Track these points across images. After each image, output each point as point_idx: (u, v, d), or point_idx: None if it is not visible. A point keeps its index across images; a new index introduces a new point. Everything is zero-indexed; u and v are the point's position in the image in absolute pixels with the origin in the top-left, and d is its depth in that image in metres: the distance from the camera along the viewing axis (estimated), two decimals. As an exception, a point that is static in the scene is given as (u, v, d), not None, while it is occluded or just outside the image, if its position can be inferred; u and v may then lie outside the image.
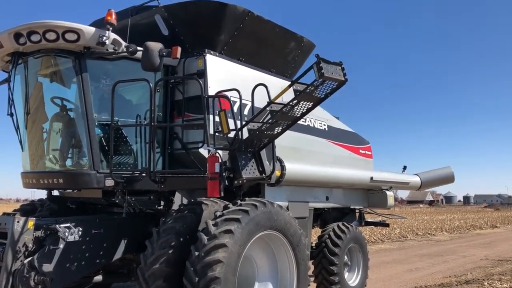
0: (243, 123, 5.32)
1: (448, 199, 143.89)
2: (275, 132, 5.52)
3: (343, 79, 4.94)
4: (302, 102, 5.14)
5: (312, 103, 5.27)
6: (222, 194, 4.91)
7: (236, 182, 5.25)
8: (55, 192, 6.59)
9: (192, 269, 4.57)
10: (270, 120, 5.23)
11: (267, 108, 5.22)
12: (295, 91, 5.81)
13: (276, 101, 5.13)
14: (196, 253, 4.61)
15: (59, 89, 5.84)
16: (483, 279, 9.87)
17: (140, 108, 6.19)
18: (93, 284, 6.16)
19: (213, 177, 4.77)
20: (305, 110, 5.32)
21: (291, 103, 5.07)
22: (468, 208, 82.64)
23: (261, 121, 5.26)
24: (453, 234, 24.43)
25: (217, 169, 4.78)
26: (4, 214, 5.46)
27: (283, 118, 5.29)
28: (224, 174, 4.92)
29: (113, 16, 5.16)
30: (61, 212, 6.40)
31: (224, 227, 4.69)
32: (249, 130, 5.36)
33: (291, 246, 5.47)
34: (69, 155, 5.73)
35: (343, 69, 4.94)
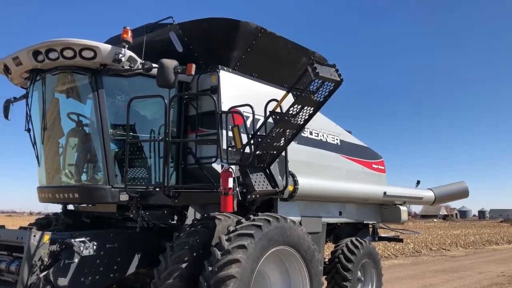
0: (253, 137, 5.36)
1: (463, 214, 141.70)
2: (281, 144, 5.56)
3: (338, 79, 5.10)
4: (303, 107, 5.23)
5: (312, 108, 5.35)
6: (236, 209, 4.93)
7: (249, 196, 5.28)
8: (70, 207, 6.68)
9: (205, 284, 4.58)
10: (275, 130, 5.29)
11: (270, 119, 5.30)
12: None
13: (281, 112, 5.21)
14: (210, 268, 4.62)
15: (75, 105, 5.95)
16: (500, 296, 9.72)
17: (154, 123, 6.28)
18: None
19: (227, 192, 4.79)
20: (307, 117, 5.40)
21: (291, 109, 5.15)
22: (483, 223, 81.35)
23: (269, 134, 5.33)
24: (468, 250, 24.07)
25: (230, 184, 4.81)
26: (21, 228, 5.55)
27: (287, 126, 5.35)
28: (237, 189, 4.95)
29: (129, 34, 5.28)
30: (75, 226, 6.47)
31: (238, 242, 4.71)
32: (259, 144, 5.41)
33: (305, 261, 5.45)
34: (85, 170, 5.82)
35: (337, 70, 5.11)
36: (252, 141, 5.16)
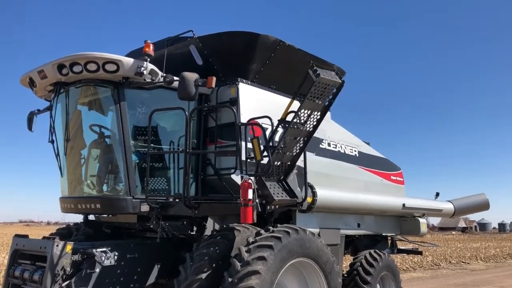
0: (270, 148, 5.40)
1: (482, 226, 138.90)
2: (294, 153, 5.60)
3: (339, 81, 5.23)
4: (311, 113, 5.33)
5: (319, 113, 5.42)
6: (255, 221, 4.95)
7: (268, 207, 5.30)
8: (91, 217, 6.78)
9: (225, 295, 4.60)
10: (286, 138, 5.34)
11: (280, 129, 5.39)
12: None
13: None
14: (230, 279, 4.65)
15: (97, 117, 6.08)
16: (523, 311, 9.51)
17: (173, 134, 6.36)
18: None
19: (246, 204, 4.83)
20: (315, 122, 5.46)
21: (299, 115, 5.24)
22: (504, 236, 79.52)
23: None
24: (489, 263, 23.60)
25: (250, 196, 4.85)
26: (44, 238, 5.65)
27: (297, 133, 5.42)
28: (257, 200, 4.98)
29: (151, 48, 5.39)
30: (96, 236, 6.56)
31: (257, 254, 4.73)
32: (275, 155, 5.46)
33: (324, 273, 5.44)
34: (106, 181, 5.91)
35: (337, 73, 5.27)
36: (270, 152, 5.19)
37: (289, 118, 5.37)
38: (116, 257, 5.38)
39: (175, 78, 5.33)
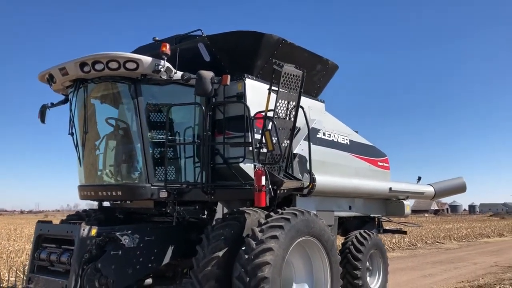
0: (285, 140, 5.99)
1: (453, 208, 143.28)
2: (287, 141, 6.28)
3: (300, 71, 6.09)
4: (288, 103, 6.08)
5: (293, 102, 6.19)
6: (268, 204, 5.52)
7: (279, 192, 5.88)
8: (105, 203, 7.23)
9: (243, 270, 5.17)
10: (276, 130, 5.98)
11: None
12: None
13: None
14: (246, 256, 5.21)
15: (115, 111, 6.51)
16: (495, 284, 10.44)
17: (180, 126, 6.83)
18: (136, 287, 6.70)
19: (260, 189, 5.39)
20: (294, 113, 6.19)
21: (278, 107, 5.97)
22: (474, 217, 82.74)
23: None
24: (462, 243, 24.90)
25: (263, 182, 5.41)
26: (69, 223, 6.10)
27: (282, 124, 6.12)
28: (269, 186, 5.54)
29: (167, 47, 5.85)
30: (107, 222, 7.01)
31: (270, 233, 5.31)
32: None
33: (325, 250, 6.07)
34: (126, 170, 6.38)
35: (296, 67, 6.08)
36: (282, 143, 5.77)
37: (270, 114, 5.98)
38: (137, 239, 5.88)
39: (192, 76, 5.80)
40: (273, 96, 5.92)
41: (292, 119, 6.18)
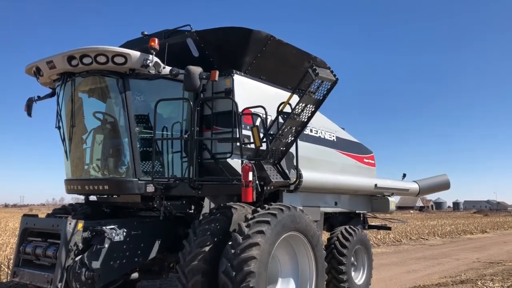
0: (269, 135, 6.05)
1: (438, 205, 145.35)
2: (289, 140, 6.30)
3: (334, 78, 6.10)
4: (306, 106, 6.11)
5: (314, 106, 6.24)
6: (255, 200, 5.58)
7: (266, 188, 5.93)
8: (92, 198, 7.21)
9: (229, 264, 5.22)
10: (284, 127, 6.07)
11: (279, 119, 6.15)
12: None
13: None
14: (232, 251, 5.26)
15: (102, 105, 6.49)
16: (477, 279, 10.61)
17: (168, 121, 6.83)
18: (122, 280, 6.73)
19: (247, 185, 5.44)
20: (309, 114, 6.26)
21: (297, 108, 5.97)
22: (457, 214, 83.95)
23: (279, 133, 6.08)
24: (445, 239, 25.24)
25: (250, 178, 5.46)
26: (55, 217, 6.08)
27: (293, 123, 6.18)
28: (256, 182, 5.59)
29: (156, 42, 5.83)
30: (94, 216, 7.00)
31: (256, 228, 5.37)
32: (272, 141, 6.11)
33: (311, 245, 6.15)
34: (112, 164, 6.37)
35: (332, 71, 6.12)
36: (269, 140, 5.82)
37: (286, 109, 6.01)
38: (124, 233, 5.88)
39: (181, 71, 5.81)
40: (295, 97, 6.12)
41: (305, 120, 6.32)
